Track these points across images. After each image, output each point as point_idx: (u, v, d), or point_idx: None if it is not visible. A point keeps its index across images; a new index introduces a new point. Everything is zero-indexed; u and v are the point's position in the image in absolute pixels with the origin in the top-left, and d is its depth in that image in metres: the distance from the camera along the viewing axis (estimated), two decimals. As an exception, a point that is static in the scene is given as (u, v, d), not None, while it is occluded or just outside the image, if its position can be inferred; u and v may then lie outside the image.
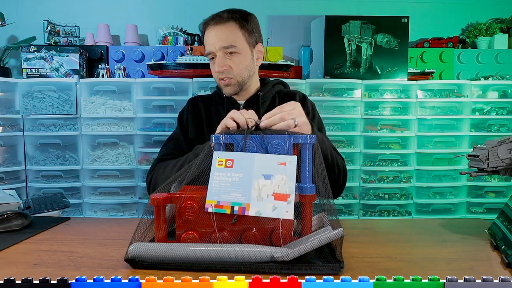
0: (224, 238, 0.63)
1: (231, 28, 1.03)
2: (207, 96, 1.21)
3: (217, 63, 1.03)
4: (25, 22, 2.56)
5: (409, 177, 2.25)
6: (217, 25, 1.02)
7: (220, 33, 1.02)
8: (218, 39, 1.02)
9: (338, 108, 2.23)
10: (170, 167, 0.97)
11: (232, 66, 1.04)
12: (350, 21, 2.22)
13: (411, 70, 2.31)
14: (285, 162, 0.64)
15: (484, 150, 0.80)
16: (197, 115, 1.14)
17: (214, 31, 1.03)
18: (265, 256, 0.59)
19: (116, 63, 2.39)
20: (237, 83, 1.06)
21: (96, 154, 2.19)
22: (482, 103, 2.27)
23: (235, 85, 1.06)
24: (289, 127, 0.74)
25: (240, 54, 1.04)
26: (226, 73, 1.04)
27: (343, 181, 1.01)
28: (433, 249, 0.72)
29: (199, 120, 1.14)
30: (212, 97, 1.19)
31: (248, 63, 1.07)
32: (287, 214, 0.61)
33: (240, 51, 1.04)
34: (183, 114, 1.17)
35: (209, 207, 0.62)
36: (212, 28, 1.03)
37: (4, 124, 2.10)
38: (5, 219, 0.85)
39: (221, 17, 1.03)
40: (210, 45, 1.04)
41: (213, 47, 1.03)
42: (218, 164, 0.65)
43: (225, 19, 1.03)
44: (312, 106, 1.15)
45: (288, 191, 0.62)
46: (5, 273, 0.59)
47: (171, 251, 0.59)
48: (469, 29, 2.62)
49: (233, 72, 1.04)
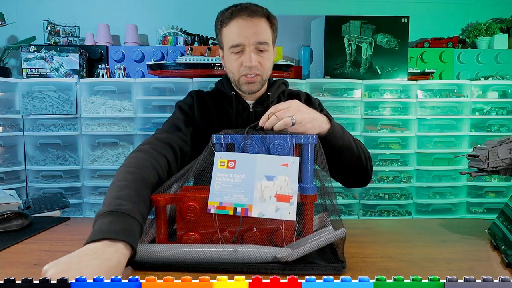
0: (226, 239, 0.63)
1: (265, 24, 0.98)
2: (212, 92, 1.12)
3: (248, 57, 0.96)
4: (25, 22, 2.56)
5: (409, 177, 2.25)
6: (252, 18, 0.96)
7: (255, 27, 0.96)
8: (253, 33, 0.95)
9: (338, 108, 2.23)
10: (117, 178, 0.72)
11: (262, 63, 0.99)
12: (350, 21, 2.22)
13: (411, 70, 2.31)
14: (287, 163, 0.64)
15: (484, 150, 0.80)
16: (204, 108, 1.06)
17: (248, 23, 0.95)
18: (268, 257, 0.59)
19: (116, 63, 2.39)
20: (261, 81, 1.02)
21: (96, 154, 2.19)
22: (482, 103, 2.27)
23: (259, 82, 1.01)
24: (287, 125, 0.73)
25: (268, 52, 1.00)
26: (255, 69, 0.98)
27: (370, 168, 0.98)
28: (433, 249, 0.72)
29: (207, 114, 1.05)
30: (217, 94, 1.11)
31: (272, 62, 1.05)
32: (289, 215, 0.61)
33: (269, 49, 1.00)
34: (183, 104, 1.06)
35: (211, 208, 0.62)
36: (244, 20, 0.96)
37: (4, 124, 2.10)
38: (5, 219, 0.85)
39: (254, 11, 0.96)
40: (240, 37, 0.95)
41: (246, 40, 0.95)
42: (220, 165, 0.65)
43: (259, 13, 0.97)
44: (319, 102, 1.13)
45: (291, 192, 0.62)
46: (5, 273, 0.59)
47: (173, 253, 0.59)
48: (469, 29, 2.62)
49: (261, 69, 0.99)
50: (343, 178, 0.97)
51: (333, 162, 0.72)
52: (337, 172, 0.93)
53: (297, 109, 0.77)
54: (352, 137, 0.95)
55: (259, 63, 0.98)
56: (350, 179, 0.99)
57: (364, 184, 1.01)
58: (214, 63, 2.16)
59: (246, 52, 0.97)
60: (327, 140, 0.83)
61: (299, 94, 1.13)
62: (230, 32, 0.97)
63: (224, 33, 1.00)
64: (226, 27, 0.98)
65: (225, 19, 0.98)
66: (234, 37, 0.96)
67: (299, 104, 0.80)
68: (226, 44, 1.00)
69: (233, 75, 1.02)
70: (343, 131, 0.90)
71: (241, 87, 1.02)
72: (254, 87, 1.01)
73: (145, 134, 2.17)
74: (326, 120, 0.85)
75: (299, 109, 0.78)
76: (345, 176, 0.96)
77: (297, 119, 0.75)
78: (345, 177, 0.97)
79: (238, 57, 0.98)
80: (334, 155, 0.83)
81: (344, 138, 0.88)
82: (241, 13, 0.96)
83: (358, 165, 0.94)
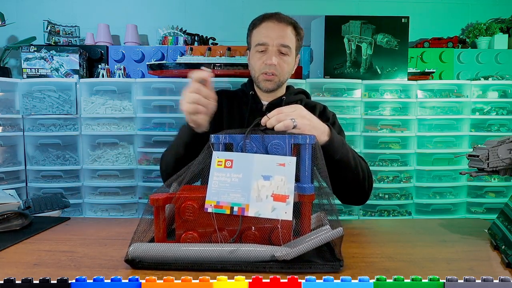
0: (224, 238, 0.63)
1: (290, 30, 1.09)
2: (232, 92, 1.22)
3: (270, 56, 1.06)
4: (25, 22, 2.56)
5: (409, 177, 2.25)
6: (280, 23, 1.07)
7: (280, 31, 1.07)
8: (278, 35, 1.06)
9: (338, 108, 2.23)
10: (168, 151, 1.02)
11: (281, 65, 1.08)
12: (350, 21, 2.22)
13: (411, 70, 2.31)
14: (284, 163, 0.64)
15: (484, 150, 0.80)
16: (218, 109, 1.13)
17: (276, 26, 1.07)
18: (266, 255, 0.59)
19: (116, 63, 2.39)
20: (279, 81, 1.10)
21: (96, 154, 2.19)
22: (482, 103, 2.27)
23: (276, 83, 1.10)
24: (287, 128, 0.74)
25: (289, 57, 1.09)
26: (273, 68, 1.07)
27: (368, 187, 0.98)
28: (433, 249, 0.72)
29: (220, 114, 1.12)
30: (236, 93, 1.21)
31: (291, 68, 1.13)
32: (286, 215, 0.61)
33: (290, 54, 1.09)
34: None
35: (208, 208, 0.62)
36: (272, 23, 1.07)
37: (4, 124, 2.10)
38: (5, 219, 0.85)
39: (283, 18, 1.09)
40: (266, 37, 1.06)
41: (270, 40, 1.06)
42: (218, 164, 0.65)
43: (286, 21, 1.09)
44: (333, 114, 1.18)
45: (287, 192, 0.62)
46: (5, 273, 0.59)
47: (172, 252, 0.59)
48: (469, 29, 2.62)
49: (279, 70, 1.08)
50: (338, 193, 0.97)
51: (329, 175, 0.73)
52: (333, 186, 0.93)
53: (299, 115, 0.79)
54: (353, 152, 0.95)
55: (279, 64, 1.07)
56: (345, 194, 0.99)
57: (361, 202, 1.01)
58: (214, 63, 2.16)
59: (269, 51, 1.07)
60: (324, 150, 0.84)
61: (315, 106, 1.18)
62: (258, 32, 1.09)
63: (253, 34, 1.11)
64: (256, 29, 1.10)
65: (256, 21, 1.10)
66: (261, 37, 1.07)
67: (304, 110, 0.82)
68: (253, 43, 1.10)
69: (255, 72, 1.11)
70: (343, 145, 0.90)
71: (259, 84, 1.11)
72: (270, 85, 1.10)
73: (145, 134, 2.17)
74: (328, 133, 0.85)
75: (302, 115, 0.80)
76: (340, 191, 0.96)
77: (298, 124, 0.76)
78: (340, 192, 0.97)
79: (261, 56, 1.08)
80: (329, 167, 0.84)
81: (343, 152, 0.88)
82: (271, 18, 1.08)
83: (354, 181, 0.94)
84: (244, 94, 1.17)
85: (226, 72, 2.18)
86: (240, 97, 1.18)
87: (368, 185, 0.98)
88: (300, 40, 1.14)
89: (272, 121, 0.74)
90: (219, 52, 2.33)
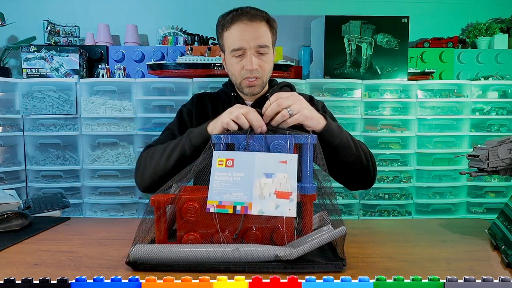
0: (226, 238, 0.63)
1: (265, 28, 1.01)
2: (214, 94, 1.18)
3: (249, 61, 0.99)
4: (25, 22, 2.56)
5: (409, 177, 2.25)
6: (252, 22, 0.98)
7: (256, 31, 0.98)
8: (254, 37, 0.98)
9: (338, 108, 2.23)
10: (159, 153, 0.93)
11: (262, 66, 1.02)
12: (350, 21, 2.22)
13: (411, 70, 2.31)
14: (286, 161, 0.64)
15: (484, 150, 0.80)
16: (202, 113, 1.11)
17: (249, 27, 0.98)
18: (269, 255, 0.59)
19: (116, 63, 2.39)
20: (262, 83, 1.05)
21: (96, 154, 2.19)
22: (482, 103, 2.27)
23: (260, 85, 1.05)
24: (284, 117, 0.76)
25: (268, 55, 1.02)
26: (255, 72, 1.01)
27: (373, 169, 0.97)
28: (433, 249, 0.72)
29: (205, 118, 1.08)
30: (219, 95, 1.17)
31: (272, 64, 1.07)
32: (289, 212, 0.61)
33: (269, 52, 1.02)
34: (184, 108, 1.14)
35: (210, 208, 0.62)
36: (245, 24, 0.98)
37: (4, 124, 2.10)
38: (5, 219, 0.85)
39: (254, 15, 0.99)
40: (242, 41, 0.98)
41: (247, 44, 0.98)
42: (219, 164, 0.65)
43: (259, 17, 1.00)
44: (322, 104, 1.16)
45: (290, 189, 0.62)
46: (5, 273, 0.59)
47: (174, 253, 0.59)
48: (469, 29, 2.62)
49: (261, 72, 1.02)
50: (345, 180, 0.97)
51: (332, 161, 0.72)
52: (338, 172, 0.94)
53: (297, 99, 0.80)
54: (351, 137, 0.94)
55: (260, 66, 1.01)
56: (352, 180, 0.98)
57: (368, 185, 1.00)
58: (214, 63, 2.16)
59: (247, 55, 0.99)
60: (323, 137, 0.84)
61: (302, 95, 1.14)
62: (231, 35, 1.00)
63: (225, 36, 1.02)
64: (227, 31, 1.01)
65: (226, 23, 1.00)
66: (236, 41, 0.99)
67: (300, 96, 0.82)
68: (227, 48, 1.03)
69: (235, 78, 1.05)
70: (340, 130, 0.90)
71: (243, 90, 1.06)
72: (255, 90, 1.05)
73: (145, 134, 2.17)
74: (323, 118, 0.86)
75: (299, 99, 0.81)
76: (346, 177, 0.96)
77: (295, 108, 0.78)
78: (346, 178, 0.97)
79: (239, 61, 1.01)
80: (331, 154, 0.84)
81: (342, 136, 0.89)
82: (241, 17, 0.98)
83: (358, 164, 0.93)
84: (227, 96, 1.13)
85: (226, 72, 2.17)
86: (223, 99, 1.14)
87: (373, 167, 0.97)
88: (275, 34, 1.06)
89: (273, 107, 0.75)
90: (219, 52, 2.32)
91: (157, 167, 0.92)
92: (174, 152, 0.89)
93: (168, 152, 0.91)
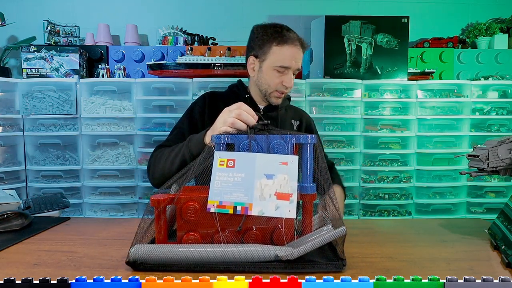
0: (227, 238, 0.63)
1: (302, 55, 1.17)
2: (224, 94, 1.24)
3: (290, 79, 1.14)
4: (25, 22, 2.56)
5: (409, 177, 2.25)
6: (302, 48, 1.14)
7: (301, 57, 1.15)
8: (298, 60, 1.14)
9: (338, 108, 2.23)
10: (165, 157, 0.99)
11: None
12: (350, 21, 2.22)
13: (411, 70, 2.31)
14: (286, 162, 0.64)
15: (484, 150, 0.80)
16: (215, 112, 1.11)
17: (299, 52, 1.13)
18: (270, 256, 0.59)
19: (116, 63, 2.39)
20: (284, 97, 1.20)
21: (96, 154, 2.19)
22: (482, 103, 2.27)
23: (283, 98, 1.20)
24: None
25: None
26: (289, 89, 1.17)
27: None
28: (433, 249, 0.72)
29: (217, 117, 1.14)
30: (228, 95, 1.22)
31: None
32: (289, 213, 0.61)
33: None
34: (195, 106, 1.19)
35: (211, 208, 0.62)
36: (298, 49, 1.13)
37: (4, 124, 2.10)
38: (5, 219, 0.85)
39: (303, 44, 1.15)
40: (290, 61, 1.11)
41: (294, 65, 1.12)
42: (220, 164, 0.65)
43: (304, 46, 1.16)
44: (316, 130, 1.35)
45: (290, 190, 0.62)
46: (5, 273, 0.59)
47: (174, 253, 0.59)
48: (469, 29, 2.62)
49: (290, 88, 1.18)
50: None
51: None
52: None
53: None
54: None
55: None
56: None
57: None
58: (214, 63, 2.16)
59: (289, 74, 1.13)
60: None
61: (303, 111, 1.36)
62: (283, 53, 1.11)
63: (275, 50, 1.12)
64: (279, 46, 1.11)
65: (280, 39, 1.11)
66: (286, 60, 1.11)
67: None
68: (272, 61, 1.12)
69: (268, 87, 1.15)
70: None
71: (270, 99, 1.17)
72: (280, 101, 1.19)
73: (145, 134, 2.17)
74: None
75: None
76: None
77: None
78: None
79: (279, 75, 1.13)
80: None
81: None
82: (295, 42, 1.12)
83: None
84: (236, 96, 1.19)
85: (226, 72, 2.18)
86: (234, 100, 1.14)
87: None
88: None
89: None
90: (219, 52, 2.33)
91: (163, 169, 0.98)
92: (176, 158, 0.95)
93: (172, 158, 0.97)
